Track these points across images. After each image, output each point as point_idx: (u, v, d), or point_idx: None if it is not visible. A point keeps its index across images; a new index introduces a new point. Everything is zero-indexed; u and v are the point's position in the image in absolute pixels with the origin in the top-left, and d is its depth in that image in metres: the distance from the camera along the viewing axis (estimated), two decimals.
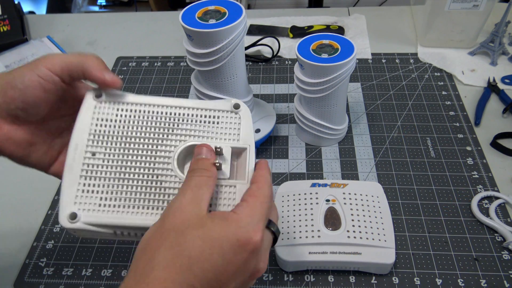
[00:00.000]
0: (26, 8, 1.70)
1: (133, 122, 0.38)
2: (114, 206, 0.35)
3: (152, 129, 0.38)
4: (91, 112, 0.37)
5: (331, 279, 0.52)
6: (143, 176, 0.36)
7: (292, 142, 0.69)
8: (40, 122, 0.38)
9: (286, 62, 0.84)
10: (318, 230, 0.51)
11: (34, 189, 0.65)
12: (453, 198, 0.59)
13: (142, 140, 0.37)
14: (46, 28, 0.98)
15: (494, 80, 0.75)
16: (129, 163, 0.36)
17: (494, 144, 0.65)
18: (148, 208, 0.35)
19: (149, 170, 0.36)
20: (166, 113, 0.38)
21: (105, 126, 0.37)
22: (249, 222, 0.31)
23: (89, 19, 1.02)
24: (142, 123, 0.38)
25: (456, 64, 0.80)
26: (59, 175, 0.39)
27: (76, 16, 1.09)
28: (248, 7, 1.94)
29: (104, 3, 1.90)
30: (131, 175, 0.36)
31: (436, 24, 0.80)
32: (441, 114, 0.71)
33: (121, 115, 0.38)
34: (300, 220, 0.53)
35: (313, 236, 0.51)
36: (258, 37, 0.85)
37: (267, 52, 0.85)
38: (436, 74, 0.79)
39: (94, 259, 0.56)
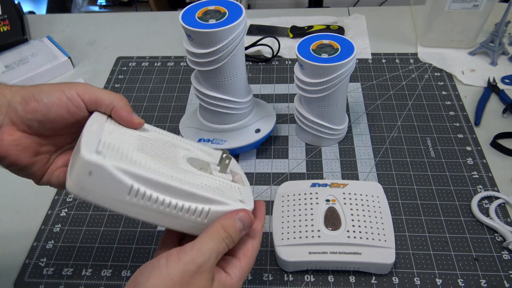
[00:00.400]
0: (26, 8, 1.70)
1: (143, 130, 0.41)
2: (137, 163, 0.33)
3: (161, 138, 0.41)
4: (104, 120, 0.38)
5: (331, 279, 0.52)
6: (161, 154, 0.37)
7: (292, 142, 0.69)
8: (49, 135, 0.39)
9: (286, 62, 0.84)
10: (318, 230, 0.51)
11: (34, 189, 0.65)
12: (453, 198, 0.59)
13: (154, 141, 0.40)
14: (46, 28, 0.98)
15: (494, 80, 0.75)
16: (149, 147, 0.38)
17: (494, 144, 0.65)
18: (167, 174, 0.34)
19: (165, 154, 0.38)
20: (169, 135, 0.43)
21: (118, 128, 0.39)
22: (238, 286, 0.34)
23: (89, 19, 1.02)
24: (151, 134, 0.41)
25: (456, 64, 0.80)
26: (49, 183, 0.41)
27: (76, 16, 1.09)
28: (248, 7, 1.94)
29: (104, 3, 1.90)
30: (150, 152, 0.37)
31: (436, 24, 0.80)
32: (441, 114, 0.71)
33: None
34: (300, 220, 0.53)
35: (313, 236, 0.51)
36: (258, 37, 0.85)
37: (267, 52, 0.85)
38: (436, 74, 0.79)
39: (94, 259, 0.56)
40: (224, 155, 0.42)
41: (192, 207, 0.34)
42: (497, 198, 0.58)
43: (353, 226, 0.51)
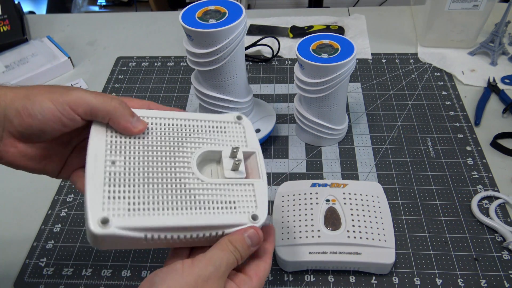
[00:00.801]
0: (26, 8, 1.70)
1: (148, 133, 0.38)
2: (143, 209, 0.34)
3: (167, 138, 0.39)
4: (105, 126, 0.38)
5: (331, 279, 0.52)
6: (166, 180, 0.37)
7: (292, 142, 0.69)
8: (53, 140, 0.39)
9: (286, 62, 0.84)
10: (318, 230, 0.51)
11: (34, 189, 0.65)
12: (453, 198, 0.59)
13: (159, 148, 0.38)
14: (46, 28, 0.98)
15: (494, 80, 0.75)
16: (150, 169, 0.37)
17: (494, 144, 0.65)
18: (177, 209, 0.35)
19: (171, 174, 0.37)
20: (178, 125, 0.40)
21: (121, 137, 0.38)
22: None
23: (89, 19, 1.02)
24: (157, 133, 0.39)
25: (456, 64, 0.80)
26: (67, 178, 0.41)
27: (76, 16, 1.09)
28: (248, 7, 1.94)
29: (104, 3, 1.90)
30: (154, 179, 0.36)
31: (436, 24, 0.80)
32: (441, 114, 0.71)
33: None
34: (300, 220, 0.53)
35: (313, 236, 0.51)
36: (258, 37, 0.85)
37: (267, 52, 0.85)
38: (436, 74, 0.79)
39: (94, 259, 0.56)
40: (235, 149, 0.40)
41: (206, 234, 0.36)
42: (497, 198, 0.58)
43: (353, 226, 0.51)
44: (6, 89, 0.35)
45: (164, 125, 0.40)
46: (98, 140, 0.36)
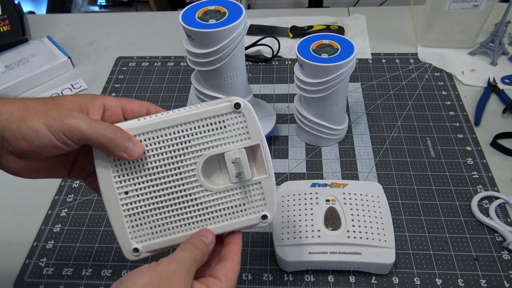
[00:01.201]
0: (26, 8, 1.70)
1: (149, 152, 0.38)
2: (165, 230, 0.39)
3: (168, 154, 0.38)
4: (107, 159, 0.38)
5: (331, 279, 0.52)
6: (177, 198, 0.39)
7: (292, 142, 0.69)
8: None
9: (286, 62, 0.84)
10: (318, 230, 0.51)
11: (34, 189, 0.65)
12: (453, 198, 0.59)
13: (163, 166, 0.38)
14: (46, 28, 0.98)
15: (494, 80, 0.75)
16: (161, 191, 0.38)
17: (494, 144, 0.65)
18: (192, 224, 0.39)
19: (180, 191, 0.39)
20: (175, 134, 0.39)
21: (124, 164, 0.38)
22: None
23: (89, 19, 1.02)
24: (156, 150, 0.38)
25: (456, 64, 0.80)
26: (79, 178, 0.42)
27: (76, 16, 1.09)
28: (248, 7, 1.93)
29: (104, 3, 1.90)
30: (167, 199, 0.38)
31: (436, 24, 0.80)
32: (441, 114, 0.71)
33: None
34: (300, 220, 0.53)
35: (313, 236, 0.51)
36: (258, 37, 0.85)
37: (267, 52, 0.85)
38: (436, 74, 0.79)
39: (94, 259, 0.56)
40: (236, 159, 0.39)
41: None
42: (497, 198, 0.58)
43: (353, 226, 0.51)
44: (1, 105, 0.34)
45: (162, 137, 0.38)
46: (105, 175, 0.38)
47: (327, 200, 0.54)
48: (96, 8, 1.91)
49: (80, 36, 0.96)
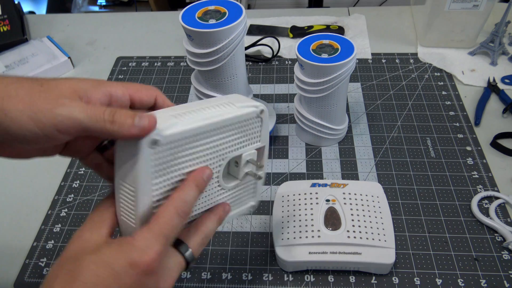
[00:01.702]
0: (26, 8, 1.70)
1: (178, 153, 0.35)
2: None
3: (199, 158, 0.36)
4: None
5: (331, 279, 0.52)
6: (205, 205, 0.39)
7: (292, 142, 0.69)
8: None
9: (286, 62, 0.84)
10: (318, 230, 0.51)
11: (34, 189, 0.65)
12: (453, 198, 0.59)
13: (189, 167, 0.36)
14: (46, 28, 0.98)
15: (494, 80, 0.75)
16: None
17: (494, 144, 0.65)
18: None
19: (207, 197, 0.39)
20: (207, 138, 0.36)
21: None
22: (143, 244, 0.30)
23: (89, 19, 1.02)
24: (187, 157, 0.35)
25: (456, 64, 0.80)
26: (71, 157, 0.36)
27: (76, 16, 1.09)
28: (248, 7, 1.93)
29: (104, 3, 1.90)
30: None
31: (436, 24, 0.80)
32: (441, 114, 0.71)
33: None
34: (300, 220, 0.53)
35: (313, 236, 0.51)
36: (258, 37, 0.85)
37: (267, 52, 0.85)
38: (436, 74, 0.79)
39: None
40: (250, 173, 0.41)
41: None
42: (497, 198, 0.58)
43: (353, 226, 0.51)
44: None
45: (198, 142, 0.35)
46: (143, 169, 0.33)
47: (327, 200, 0.54)
48: (96, 8, 1.91)
49: (80, 36, 0.96)
